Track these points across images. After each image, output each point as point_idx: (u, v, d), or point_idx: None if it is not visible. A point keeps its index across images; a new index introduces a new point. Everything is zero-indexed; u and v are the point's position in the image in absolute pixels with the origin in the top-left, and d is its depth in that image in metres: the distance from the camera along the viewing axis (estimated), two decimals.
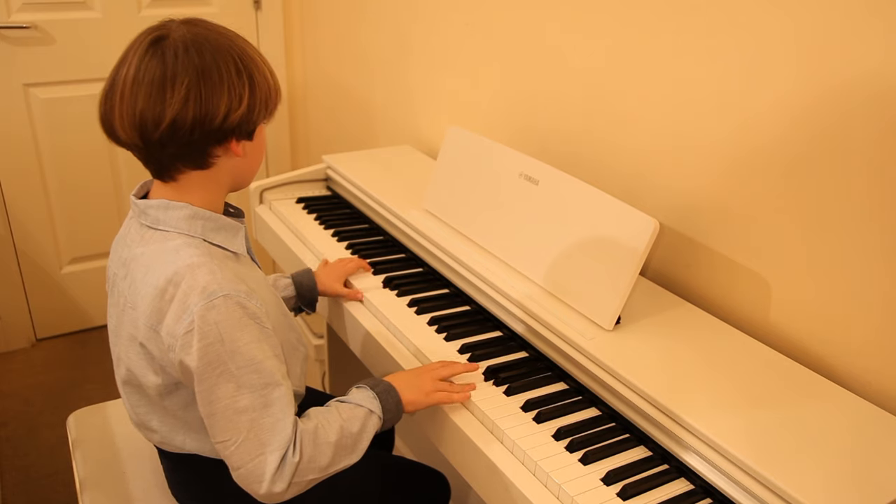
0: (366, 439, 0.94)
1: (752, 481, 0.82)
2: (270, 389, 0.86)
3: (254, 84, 0.88)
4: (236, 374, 0.84)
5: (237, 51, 0.87)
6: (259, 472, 0.85)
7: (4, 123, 2.16)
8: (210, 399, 0.85)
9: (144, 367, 0.92)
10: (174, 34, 0.85)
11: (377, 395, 0.97)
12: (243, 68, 0.87)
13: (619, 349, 1.01)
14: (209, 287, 0.84)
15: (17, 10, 2.09)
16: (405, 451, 1.82)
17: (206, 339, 0.83)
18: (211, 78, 0.84)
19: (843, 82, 0.93)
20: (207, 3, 2.37)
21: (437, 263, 1.33)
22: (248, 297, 0.86)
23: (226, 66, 0.85)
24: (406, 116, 1.96)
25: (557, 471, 0.89)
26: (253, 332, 0.86)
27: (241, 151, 0.91)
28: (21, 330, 2.41)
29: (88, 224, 2.40)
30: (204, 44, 0.85)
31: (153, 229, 0.91)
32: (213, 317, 0.83)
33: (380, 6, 1.97)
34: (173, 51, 0.84)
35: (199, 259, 0.86)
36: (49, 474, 1.89)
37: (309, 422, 0.91)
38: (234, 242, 0.95)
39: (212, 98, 0.84)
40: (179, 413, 0.96)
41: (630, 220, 1.05)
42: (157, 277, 0.86)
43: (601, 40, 1.28)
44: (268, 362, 0.86)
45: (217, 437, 0.86)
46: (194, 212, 0.91)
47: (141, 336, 0.89)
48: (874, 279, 0.96)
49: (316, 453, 0.88)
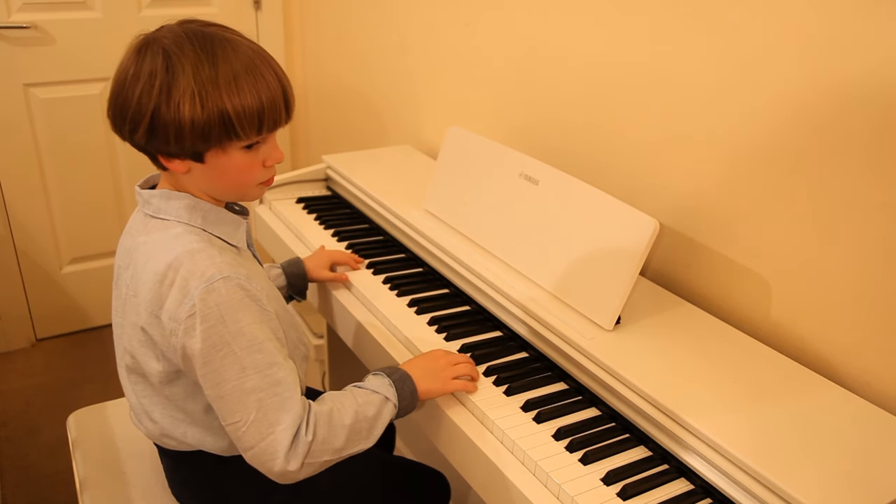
0: (381, 425, 0.94)
1: (752, 481, 0.82)
2: (276, 369, 0.87)
3: (159, 110, 0.84)
4: (240, 355, 0.85)
5: (167, 71, 0.83)
6: (272, 451, 0.85)
7: (4, 123, 2.16)
8: (217, 381, 0.86)
9: (147, 355, 0.92)
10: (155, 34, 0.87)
11: (393, 383, 0.97)
12: (155, 89, 0.83)
13: (619, 349, 1.01)
14: (208, 271, 0.85)
15: (17, 10, 2.08)
16: (405, 451, 1.82)
17: (209, 322, 0.84)
18: (125, 84, 0.85)
19: (844, 81, 0.93)
20: (207, 3, 2.37)
21: (437, 263, 1.33)
22: (248, 280, 0.87)
23: (142, 80, 0.84)
24: (406, 116, 1.96)
25: (557, 471, 0.89)
26: (254, 314, 0.87)
27: (183, 168, 0.89)
28: (21, 330, 2.41)
29: (88, 224, 2.40)
30: (146, 51, 0.85)
31: (155, 218, 0.92)
32: (214, 299, 0.84)
33: (380, 6, 1.97)
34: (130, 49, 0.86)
35: (198, 245, 0.88)
36: (49, 474, 1.89)
37: (324, 404, 0.91)
38: (234, 236, 0.96)
39: (123, 104, 0.85)
40: (181, 403, 0.96)
41: (630, 220, 1.05)
42: (157, 263, 0.87)
43: (601, 40, 1.28)
44: (269, 343, 0.87)
45: (227, 419, 0.87)
46: (195, 202, 0.92)
47: (142, 322, 0.90)
48: (874, 279, 0.96)
49: (330, 435, 0.89)
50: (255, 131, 0.88)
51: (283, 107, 0.90)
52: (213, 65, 0.84)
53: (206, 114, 0.84)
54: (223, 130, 0.86)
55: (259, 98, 0.86)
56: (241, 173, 0.91)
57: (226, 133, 0.86)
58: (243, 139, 0.88)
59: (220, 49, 0.86)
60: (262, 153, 0.92)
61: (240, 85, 0.85)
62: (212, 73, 0.84)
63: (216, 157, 0.89)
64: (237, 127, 0.86)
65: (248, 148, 0.90)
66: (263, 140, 0.91)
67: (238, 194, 0.95)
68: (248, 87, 0.86)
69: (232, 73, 0.85)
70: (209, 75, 0.84)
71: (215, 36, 0.87)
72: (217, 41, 0.86)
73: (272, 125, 0.89)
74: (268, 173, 0.95)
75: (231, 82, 0.85)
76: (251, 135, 0.88)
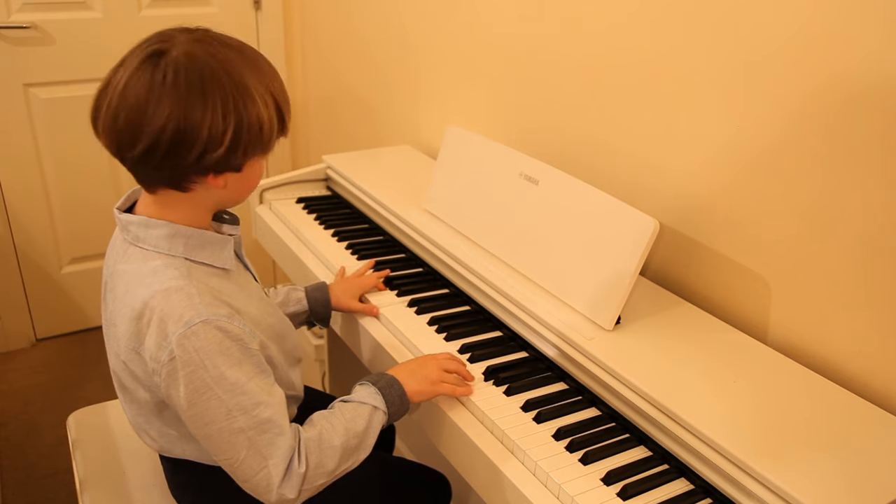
0: (372, 435, 0.94)
1: (752, 481, 0.82)
2: (262, 408, 0.85)
3: (241, 124, 0.82)
4: (224, 399, 0.83)
5: (234, 83, 0.81)
6: (265, 485, 0.85)
7: (4, 123, 2.16)
8: (204, 422, 0.84)
9: (134, 384, 0.92)
10: (174, 51, 0.81)
11: (379, 391, 0.96)
12: (233, 108, 0.81)
13: (619, 349, 1.01)
14: (186, 314, 0.82)
15: (17, 10, 2.09)
16: (405, 451, 1.82)
17: (189, 367, 0.82)
18: (193, 113, 0.79)
19: (844, 81, 0.93)
20: (207, 3, 2.37)
21: (437, 263, 1.33)
22: (228, 319, 0.84)
23: (212, 103, 0.80)
24: (406, 116, 1.96)
25: (557, 471, 0.89)
26: (234, 356, 0.84)
27: (222, 183, 0.87)
28: (21, 330, 2.41)
29: (88, 224, 2.40)
30: (198, 71, 0.80)
31: (135, 246, 0.89)
32: (193, 344, 0.82)
33: (380, 6, 1.97)
34: (163, 72, 0.79)
35: (175, 283, 0.84)
36: (49, 474, 1.89)
37: (312, 429, 0.90)
38: (220, 257, 0.92)
39: (188, 135, 0.80)
40: (175, 426, 0.96)
41: (630, 220, 1.05)
42: (133, 299, 0.85)
43: (601, 40, 1.28)
44: (252, 383, 0.85)
45: (217, 455, 0.86)
46: (175, 230, 0.88)
47: (123, 356, 0.89)
48: (874, 279, 0.96)
49: (322, 459, 0.89)
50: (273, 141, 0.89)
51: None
52: (256, 64, 0.85)
53: (270, 112, 0.85)
54: (280, 126, 0.88)
55: (285, 97, 0.89)
56: (258, 177, 0.93)
57: (281, 128, 0.88)
58: (282, 138, 0.90)
59: (244, 49, 0.86)
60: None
61: (276, 77, 0.88)
62: (260, 73, 0.85)
63: (254, 163, 0.89)
64: (286, 119, 0.88)
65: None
66: None
67: (242, 200, 0.95)
68: (278, 78, 0.88)
69: (266, 68, 0.87)
70: (260, 75, 0.85)
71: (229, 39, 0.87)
72: (235, 43, 0.87)
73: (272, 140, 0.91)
74: None
75: (272, 76, 0.87)
76: (269, 146, 0.89)
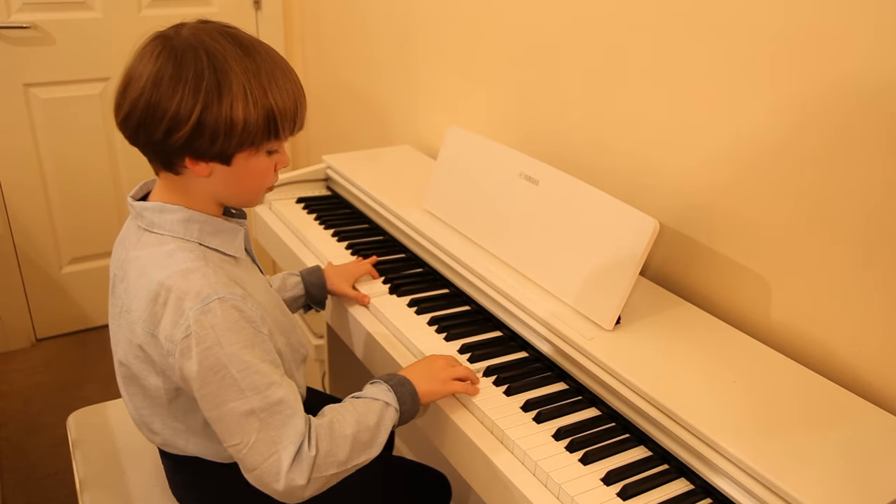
0: (384, 432, 0.93)
1: (752, 481, 0.82)
2: (275, 389, 0.85)
3: (209, 111, 0.82)
4: (238, 378, 0.83)
5: (214, 69, 0.82)
6: (275, 471, 0.84)
7: (4, 123, 2.16)
8: (215, 403, 0.84)
9: (146, 370, 0.92)
10: (176, 33, 0.85)
11: (392, 388, 0.96)
12: (204, 92, 0.81)
13: (619, 349, 1.01)
14: (203, 290, 0.83)
15: (17, 10, 2.09)
16: (405, 451, 1.82)
17: (204, 343, 0.82)
18: (163, 87, 0.81)
19: (845, 81, 0.93)
20: (207, 3, 2.37)
21: (437, 263, 1.33)
22: (243, 300, 0.86)
23: (185, 81, 0.81)
24: (406, 116, 1.96)
25: (557, 471, 0.89)
26: (248, 336, 0.85)
27: (205, 172, 0.87)
28: (21, 330, 2.41)
29: (88, 224, 2.40)
30: (182, 50, 0.82)
31: (149, 232, 0.90)
32: (210, 320, 0.82)
33: (380, 6, 1.97)
34: (157, 48, 0.83)
35: (192, 263, 0.86)
36: (49, 474, 1.89)
37: (324, 417, 0.91)
38: (232, 245, 0.93)
39: (158, 108, 0.82)
40: (182, 417, 0.96)
41: (630, 220, 1.05)
42: (149, 281, 0.86)
43: (602, 40, 1.28)
44: (265, 364, 0.86)
45: (227, 440, 0.86)
46: (189, 215, 0.89)
47: (139, 340, 0.89)
48: (874, 279, 0.96)
49: (333, 447, 0.88)
50: (290, 131, 0.89)
51: (305, 107, 0.91)
52: (256, 64, 0.85)
53: (257, 113, 0.84)
54: (267, 130, 0.86)
55: (294, 97, 0.88)
56: (259, 177, 0.91)
57: (268, 133, 0.86)
58: (281, 139, 0.88)
59: (254, 49, 0.86)
60: (274, 157, 0.92)
61: (280, 85, 0.86)
62: (257, 73, 0.84)
63: (244, 159, 0.88)
64: (280, 127, 0.87)
65: (273, 152, 0.90)
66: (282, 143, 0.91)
67: (247, 200, 0.94)
68: (285, 87, 0.87)
69: (271, 73, 0.86)
70: (255, 75, 0.84)
71: (242, 35, 0.87)
72: (246, 41, 0.86)
73: (300, 125, 0.90)
74: (276, 178, 0.95)
75: (273, 82, 0.85)
76: (287, 135, 0.89)
